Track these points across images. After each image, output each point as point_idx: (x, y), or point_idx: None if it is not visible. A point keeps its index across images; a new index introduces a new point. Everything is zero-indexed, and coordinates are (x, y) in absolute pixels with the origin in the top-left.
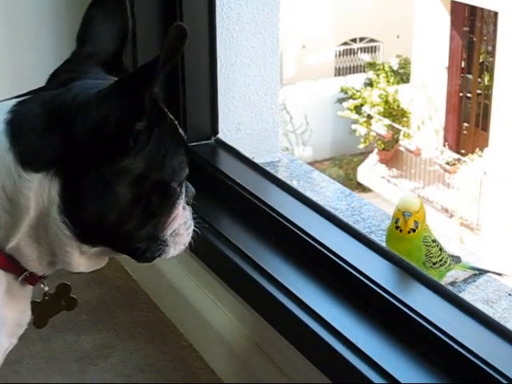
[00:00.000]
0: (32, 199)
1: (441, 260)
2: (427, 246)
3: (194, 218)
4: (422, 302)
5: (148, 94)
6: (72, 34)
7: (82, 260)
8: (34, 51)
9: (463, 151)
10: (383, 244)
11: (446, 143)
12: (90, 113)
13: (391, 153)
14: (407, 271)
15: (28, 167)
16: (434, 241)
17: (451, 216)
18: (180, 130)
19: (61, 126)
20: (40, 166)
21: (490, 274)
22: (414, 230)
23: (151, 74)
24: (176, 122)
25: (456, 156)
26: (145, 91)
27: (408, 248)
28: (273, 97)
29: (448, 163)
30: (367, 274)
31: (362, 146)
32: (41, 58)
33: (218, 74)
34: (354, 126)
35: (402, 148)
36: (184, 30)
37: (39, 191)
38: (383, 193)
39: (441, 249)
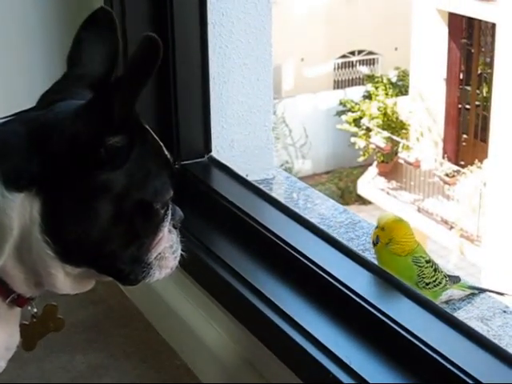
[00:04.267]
0: (15, 219)
1: (434, 281)
2: (420, 266)
3: (181, 241)
4: (414, 321)
5: (118, 110)
6: (63, 55)
7: (66, 281)
8: (24, 73)
9: (462, 163)
10: (376, 262)
11: (446, 155)
12: (65, 128)
13: (390, 165)
14: (399, 290)
15: (11, 187)
16: (428, 261)
17: (451, 228)
18: (165, 151)
19: (41, 143)
20: (22, 185)
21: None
22: (374, 243)
23: (118, 91)
24: (161, 143)
25: (455, 168)
26: (111, 108)
27: (397, 267)
28: (266, 114)
29: (447, 175)
30: (359, 292)
31: (361, 159)
32: (31, 80)
33: (211, 91)
34: (353, 139)
35: (401, 160)
36: (156, 42)
37: (21, 211)
38: (383, 205)
39: (435, 269)
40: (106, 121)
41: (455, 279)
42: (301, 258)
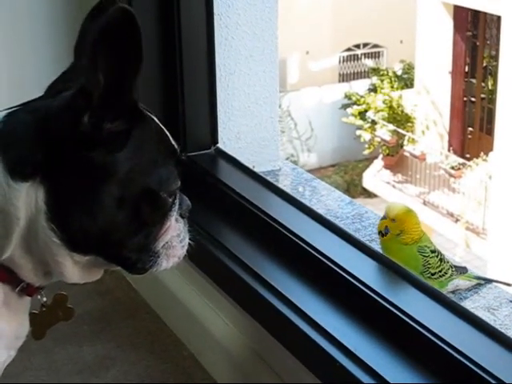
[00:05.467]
0: (21, 209)
1: (440, 271)
2: (425, 256)
3: (189, 230)
4: (421, 310)
5: (105, 95)
6: (70, 45)
7: (75, 270)
8: (33, 63)
9: (468, 155)
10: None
11: (451, 148)
12: (64, 114)
13: (396, 158)
14: (406, 279)
15: (16, 176)
16: (434, 251)
17: (457, 220)
18: (172, 141)
19: (44, 132)
20: (27, 175)
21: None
22: (382, 234)
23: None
24: (167, 133)
25: (461, 160)
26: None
27: (403, 257)
28: (272, 105)
29: (453, 168)
30: (366, 282)
31: (366, 152)
32: (39, 70)
33: (217, 83)
34: (358, 132)
35: (406, 153)
36: (127, 12)
37: (27, 200)
38: (389, 198)
39: (441, 259)
40: (92, 105)
41: (462, 270)
42: (307, 248)
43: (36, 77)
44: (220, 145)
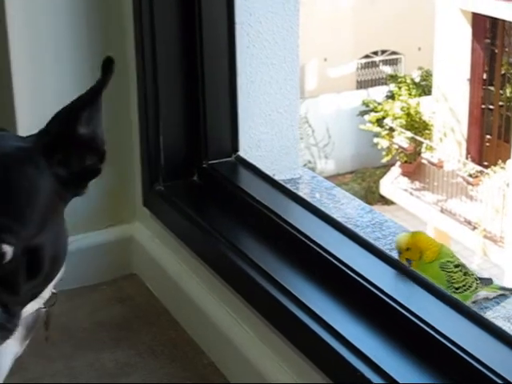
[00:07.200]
0: None
1: (464, 285)
2: (448, 272)
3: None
4: (441, 319)
5: None
6: (92, 56)
7: None
8: (55, 73)
9: (486, 163)
10: None
11: (469, 155)
12: None
13: (414, 165)
14: (426, 288)
15: None
16: (457, 266)
17: (474, 228)
18: None
19: None
20: None
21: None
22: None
23: None
24: None
25: (479, 168)
26: None
27: (426, 276)
28: (293, 114)
29: (471, 175)
30: (386, 291)
31: (384, 159)
32: (61, 81)
33: (238, 91)
34: (376, 139)
35: (424, 161)
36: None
37: None
38: (406, 206)
39: (465, 273)
40: None
41: (487, 281)
42: (327, 256)
43: (58, 88)
44: (241, 153)
